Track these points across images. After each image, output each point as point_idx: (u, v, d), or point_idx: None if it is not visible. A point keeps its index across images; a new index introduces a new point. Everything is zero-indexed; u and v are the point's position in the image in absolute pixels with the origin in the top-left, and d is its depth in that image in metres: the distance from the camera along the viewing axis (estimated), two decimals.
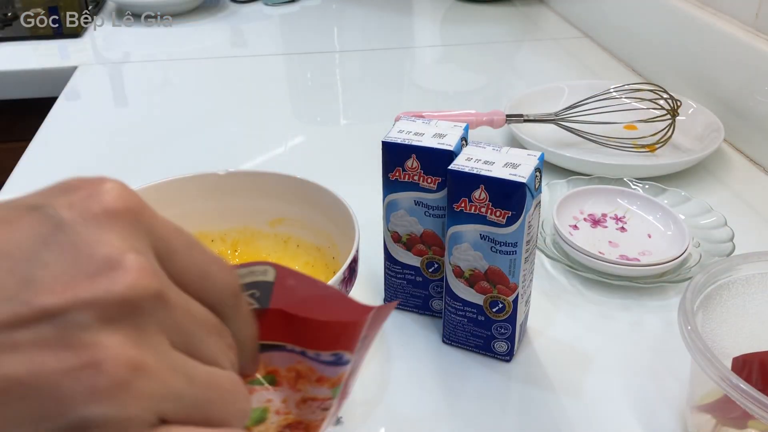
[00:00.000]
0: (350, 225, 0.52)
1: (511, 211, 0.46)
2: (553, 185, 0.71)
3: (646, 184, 0.71)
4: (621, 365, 0.53)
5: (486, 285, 0.50)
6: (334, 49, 1.24)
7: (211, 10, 1.41)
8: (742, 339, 0.46)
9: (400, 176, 0.52)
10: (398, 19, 1.40)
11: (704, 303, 0.46)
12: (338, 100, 1.06)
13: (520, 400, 0.50)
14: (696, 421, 0.45)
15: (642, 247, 0.63)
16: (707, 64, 0.89)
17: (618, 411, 0.49)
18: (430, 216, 0.53)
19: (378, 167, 0.53)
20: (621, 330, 0.57)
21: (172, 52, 1.20)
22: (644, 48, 1.05)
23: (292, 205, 0.60)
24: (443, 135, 0.51)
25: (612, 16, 1.14)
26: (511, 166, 0.47)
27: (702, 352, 0.40)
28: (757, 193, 0.76)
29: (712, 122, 0.83)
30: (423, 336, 0.56)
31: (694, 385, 0.46)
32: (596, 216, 0.68)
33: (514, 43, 1.24)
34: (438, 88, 1.08)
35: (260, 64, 1.17)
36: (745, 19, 0.84)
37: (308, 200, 0.58)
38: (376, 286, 0.61)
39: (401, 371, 0.52)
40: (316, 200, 0.58)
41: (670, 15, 0.97)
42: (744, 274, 0.47)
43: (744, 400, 0.37)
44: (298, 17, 1.39)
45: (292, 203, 0.60)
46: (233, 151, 0.87)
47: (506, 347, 0.52)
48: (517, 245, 0.47)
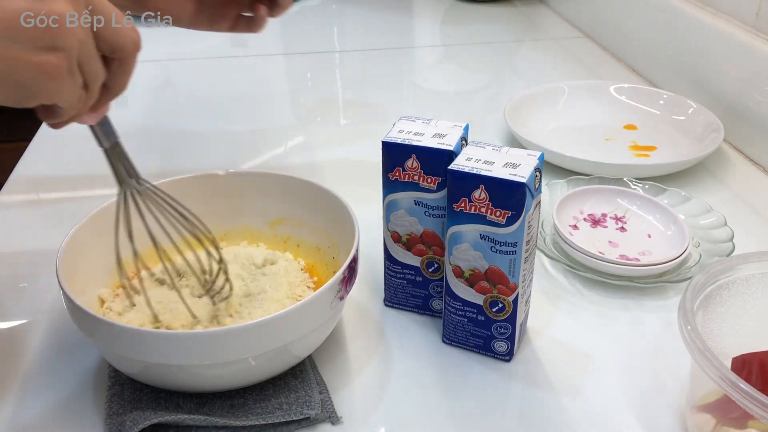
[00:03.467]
0: (350, 225, 0.52)
1: (511, 211, 0.46)
2: (553, 185, 0.71)
3: (646, 184, 0.71)
4: (621, 365, 0.53)
5: (486, 285, 0.50)
6: (334, 49, 1.24)
7: None
8: (742, 339, 0.46)
9: (400, 176, 0.52)
10: (398, 19, 1.40)
11: (704, 303, 0.46)
12: (338, 100, 1.06)
13: (520, 400, 0.50)
14: (696, 421, 0.45)
15: (642, 247, 0.63)
16: (707, 64, 0.89)
17: (618, 411, 0.49)
18: (430, 216, 0.53)
19: (378, 167, 0.53)
20: (621, 330, 0.57)
21: (172, 52, 1.20)
22: (644, 48, 1.05)
23: (292, 206, 0.60)
24: (443, 135, 0.51)
25: (612, 16, 1.14)
26: (511, 166, 0.47)
27: (702, 352, 0.40)
28: (757, 193, 0.76)
29: (712, 122, 0.83)
30: (423, 336, 0.56)
31: (694, 385, 0.46)
32: (596, 216, 0.68)
33: (514, 43, 1.24)
34: (438, 88, 1.08)
35: (260, 64, 1.17)
36: (745, 19, 0.84)
37: (308, 200, 0.58)
38: (376, 286, 0.61)
39: (401, 371, 0.52)
40: (316, 200, 0.58)
41: (670, 15, 0.97)
42: (744, 274, 0.47)
43: (744, 400, 0.37)
44: (298, 17, 1.39)
45: (291, 203, 0.60)
46: (233, 151, 0.87)
47: (506, 347, 0.52)
48: (517, 245, 0.47)
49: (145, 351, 0.43)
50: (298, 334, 0.46)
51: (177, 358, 0.43)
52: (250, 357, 0.45)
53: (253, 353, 0.45)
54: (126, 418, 0.45)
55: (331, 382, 0.51)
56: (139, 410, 0.46)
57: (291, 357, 0.49)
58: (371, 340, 0.55)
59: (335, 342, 0.55)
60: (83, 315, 0.44)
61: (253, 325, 0.43)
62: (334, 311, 0.49)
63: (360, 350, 0.54)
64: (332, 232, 0.57)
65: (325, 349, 0.53)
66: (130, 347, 0.43)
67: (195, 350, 0.43)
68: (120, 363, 0.47)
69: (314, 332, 0.48)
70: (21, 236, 0.69)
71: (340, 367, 0.52)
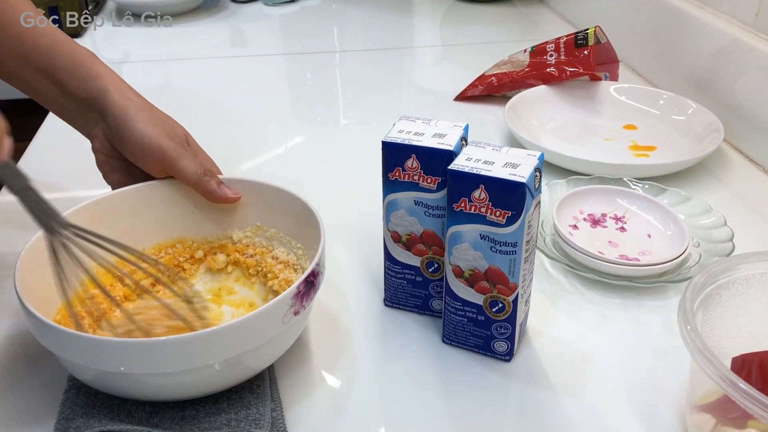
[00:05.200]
0: (316, 232, 0.51)
1: (511, 211, 0.46)
2: (553, 185, 0.71)
3: (646, 184, 0.71)
4: (621, 365, 0.53)
5: (486, 285, 0.50)
6: (334, 49, 1.25)
7: (211, 10, 1.41)
8: (742, 339, 0.46)
9: (400, 176, 0.52)
10: (398, 19, 1.40)
11: (704, 303, 0.46)
12: (338, 100, 1.06)
13: (520, 399, 0.50)
14: (696, 421, 0.45)
15: (642, 247, 0.63)
16: (707, 64, 0.89)
17: (618, 411, 0.49)
18: (430, 216, 0.53)
19: (378, 167, 0.53)
20: (621, 330, 0.57)
21: (172, 52, 1.20)
22: (644, 48, 1.05)
23: (268, 213, 0.59)
24: (443, 135, 0.51)
25: (612, 16, 1.14)
26: (510, 166, 0.47)
27: (702, 352, 0.40)
28: (757, 193, 0.76)
29: (711, 122, 0.83)
30: (423, 336, 0.56)
31: (694, 385, 0.46)
32: (596, 216, 0.68)
33: (514, 43, 1.24)
34: (438, 88, 1.07)
35: (260, 64, 1.17)
36: (745, 19, 0.84)
37: (282, 208, 0.57)
38: (376, 286, 0.61)
39: (401, 371, 0.52)
40: (289, 208, 0.56)
41: (670, 15, 0.97)
42: (744, 274, 0.47)
43: (744, 400, 0.37)
44: (298, 17, 1.39)
45: (269, 211, 0.58)
46: (233, 151, 0.87)
47: (506, 347, 0.52)
48: (517, 245, 0.47)
49: (87, 357, 0.42)
50: (248, 346, 0.44)
51: (122, 365, 0.42)
52: (197, 368, 0.44)
53: (198, 364, 0.43)
54: (71, 425, 0.45)
55: (331, 382, 0.51)
56: (87, 417, 0.45)
57: (245, 369, 0.47)
58: (371, 340, 0.55)
59: (336, 342, 0.55)
60: (34, 320, 0.43)
61: (196, 335, 0.42)
62: (288, 326, 0.46)
63: (360, 350, 0.54)
64: (304, 241, 0.56)
65: (325, 349, 0.53)
66: (71, 352, 0.43)
67: (140, 358, 0.42)
68: (72, 368, 0.46)
69: (266, 346, 0.46)
70: (22, 236, 0.69)
71: (339, 367, 0.52)
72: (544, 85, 0.93)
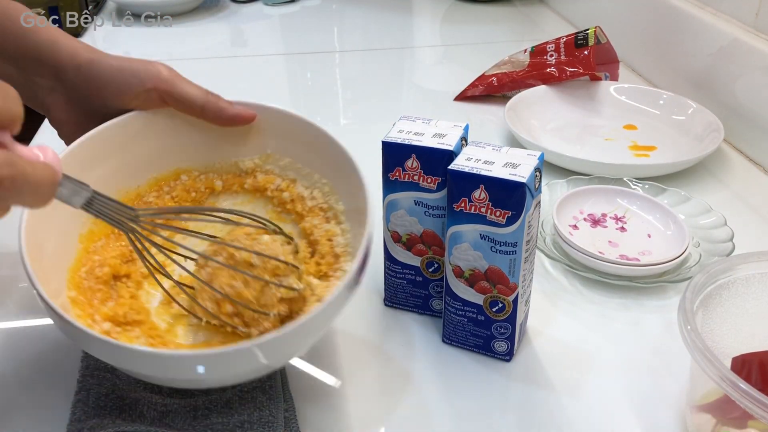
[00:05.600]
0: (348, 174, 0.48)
1: (511, 211, 0.46)
2: (553, 185, 0.71)
3: (646, 184, 0.71)
4: (621, 365, 0.53)
5: (486, 285, 0.50)
6: (334, 49, 1.24)
7: (211, 10, 1.41)
8: (742, 339, 0.46)
9: (400, 176, 0.52)
10: (398, 19, 1.40)
11: (704, 303, 0.46)
12: (338, 100, 1.06)
13: (520, 399, 0.50)
14: (696, 421, 0.45)
15: (642, 247, 0.63)
16: (707, 63, 0.89)
17: (618, 411, 0.49)
18: (430, 216, 0.53)
19: (378, 167, 0.53)
20: (621, 330, 0.57)
21: (172, 52, 1.20)
22: (644, 48, 1.05)
23: (282, 141, 0.55)
24: (443, 135, 0.51)
25: (612, 16, 1.14)
26: (510, 166, 0.47)
27: (702, 352, 0.40)
28: (756, 193, 0.76)
29: (711, 122, 0.83)
30: (423, 336, 0.56)
31: (694, 385, 0.46)
32: (596, 216, 0.68)
33: (514, 43, 1.24)
34: (438, 88, 1.07)
35: (260, 64, 1.17)
36: (745, 19, 0.84)
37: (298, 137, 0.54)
38: (376, 286, 0.61)
39: (401, 371, 0.52)
40: (305, 138, 0.53)
41: (670, 15, 0.97)
42: (744, 274, 0.47)
43: (744, 400, 0.37)
44: (298, 17, 1.39)
45: (282, 138, 0.55)
46: None
47: (506, 347, 0.52)
48: (517, 245, 0.47)
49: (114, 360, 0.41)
50: (310, 342, 0.44)
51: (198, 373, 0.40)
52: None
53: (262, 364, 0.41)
54: (84, 426, 0.45)
55: (330, 382, 0.51)
56: (99, 418, 0.45)
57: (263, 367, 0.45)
58: (371, 340, 0.55)
59: (336, 342, 0.55)
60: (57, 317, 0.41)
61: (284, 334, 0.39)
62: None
63: (360, 350, 0.54)
64: (336, 183, 0.52)
65: (324, 349, 0.53)
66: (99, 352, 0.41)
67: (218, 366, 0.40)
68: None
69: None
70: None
71: (339, 367, 0.52)
72: (544, 85, 0.93)
